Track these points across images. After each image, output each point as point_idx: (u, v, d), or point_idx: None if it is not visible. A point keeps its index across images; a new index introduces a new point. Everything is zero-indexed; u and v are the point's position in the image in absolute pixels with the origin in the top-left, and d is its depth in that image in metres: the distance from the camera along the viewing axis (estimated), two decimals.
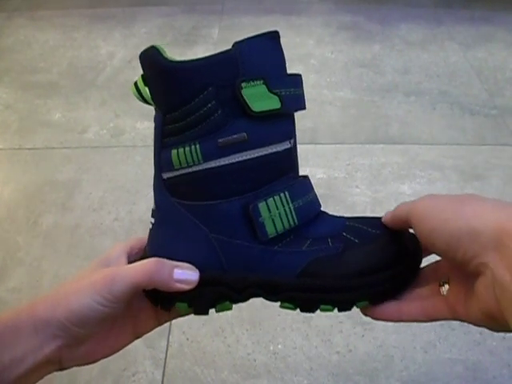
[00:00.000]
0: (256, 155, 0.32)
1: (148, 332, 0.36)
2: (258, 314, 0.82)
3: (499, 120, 1.25)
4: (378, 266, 0.32)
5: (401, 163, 1.13)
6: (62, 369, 0.32)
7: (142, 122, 1.27)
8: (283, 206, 0.32)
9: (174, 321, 0.82)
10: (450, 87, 1.38)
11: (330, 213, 0.37)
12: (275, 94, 0.31)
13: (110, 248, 0.35)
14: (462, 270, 0.29)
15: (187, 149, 0.32)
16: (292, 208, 0.32)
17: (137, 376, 0.75)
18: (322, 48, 1.56)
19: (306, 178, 0.35)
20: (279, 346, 0.78)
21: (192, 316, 0.36)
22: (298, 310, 0.33)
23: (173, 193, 0.33)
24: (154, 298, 0.34)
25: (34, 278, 0.91)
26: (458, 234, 0.26)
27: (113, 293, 0.30)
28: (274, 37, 0.33)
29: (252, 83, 0.31)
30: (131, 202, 1.05)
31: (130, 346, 0.36)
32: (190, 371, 0.75)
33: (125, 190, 1.08)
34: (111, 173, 1.13)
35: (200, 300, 0.33)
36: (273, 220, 0.32)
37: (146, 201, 1.05)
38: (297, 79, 0.33)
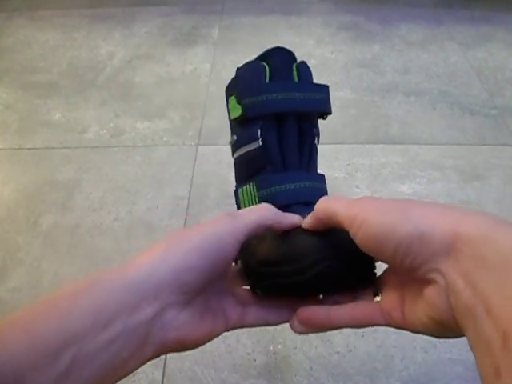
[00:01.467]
0: (241, 153, 0.41)
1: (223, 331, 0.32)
2: None
3: (499, 120, 1.25)
4: (276, 259, 0.30)
5: (401, 163, 1.13)
6: (155, 354, 0.27)
7: (142, 122, 1.27)
8: (251, 194, 0.39)
9: None
10: (450, 87, 1.38)
11: None
12: (240, 104, 0.40)
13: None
14: (400, 276, 0.28)
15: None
16: (256, 196, 0.38)
17: (137, 376, 0.75)
18: (322, 48, 1.56)
19: (295, 172, 0.40)
20: (279, 346, 0.78)
21: None
22: None
23: None
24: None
25: (34, 278, 0.90)
26: (408, 241, 0.24)
27: (236, 232, 0.28)
28: (258, 63, 0.41)
29: (231, 98, 0.41)
30: (131, 202, 1.05)
31: None
32: (190, 371, 0.75)
33: (125, 190, 1.08)
34: (111, 173, 1.13)
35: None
36: (244, 204, 0.39)
37: (146, 201, 1.05)
38: (260, 89, 0.40)
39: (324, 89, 0.42)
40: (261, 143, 0.39)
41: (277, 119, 0.39)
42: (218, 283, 0.31)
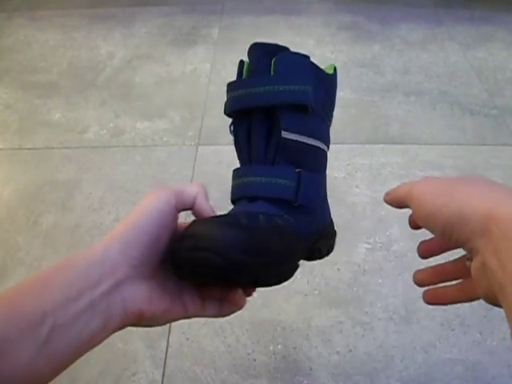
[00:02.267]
0: None
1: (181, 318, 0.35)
2: (258, 314, 0.82)
3: (499, 120, 1.25)
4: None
5: (401, 163, 1.13)
6: (120, 325, 0.31)
7: (142, 122, 1.27)
8: (232, 182, 0.41)
9: None
10: (450, 87, 1.38)
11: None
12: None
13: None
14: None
15: None
16: (232, 185, 0.41)
17: (137, 376, 0.75)
18: (322, 48, 1.56)
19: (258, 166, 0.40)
20: (279, 346, 0.78)
21: None
22: None
23: None
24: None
25: None
26: (452, 220, 0.27)
27: (183, 200, 0.33)
28: (241, 60, 0.41)
29: None
30: (131, 202, 1.05)
31: (129, 346, 0.36)
32: (190, 371, 0.75)
33: (125, 190, 1.08)
34: (111, 173, 1.13)
35: None
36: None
37: None
38: (232, 85, 0.40)
39: (299, 79, 0.39)
40: (233, 138, 0.41)
41: (246, 115, 0.39)
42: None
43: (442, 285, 0.35)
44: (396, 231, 0.96)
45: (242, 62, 0.40)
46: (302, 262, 0.36)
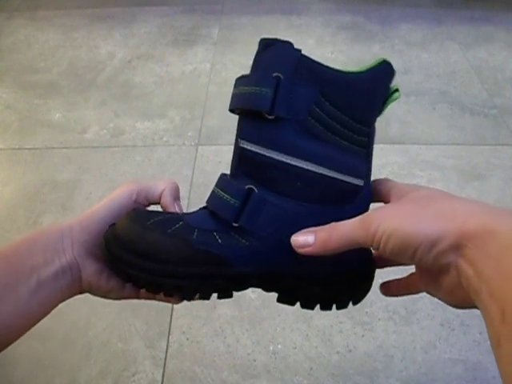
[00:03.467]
0: None
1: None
2: (258, 314, 0.82)
3: (499, 120, 1.25)
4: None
5: (401, 163, 1.13)
6: (82, 291, 0.37)
7: (142, 122, 1.27)
8: None
9: (173, 321, 0.82)
10: (450, 87, 1.38)
11: None
12: None
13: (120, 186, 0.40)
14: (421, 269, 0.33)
15: None
16: None
17: (137, 376, 0.75)
18: (322, 48, 1.56)
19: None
20: (279, 346, 0.78)
21: (192, 316, 0.36)
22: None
23: None
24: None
25: None
26: (423, 246, 0.28)
27: (148, 196, 0.39)
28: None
29: None
30: None
31: (129, 346, 0.36)
32: (190, 371, 0.75)
33: None
34: (111, 173, 1.13)
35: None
36: None
37: None
38: (236, 83, 0.34)
39: (262, 79, 0.32)
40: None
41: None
42: None
43: (394, 278, 0.38)
44: None
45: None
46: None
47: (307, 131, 0.32)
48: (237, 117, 0.34)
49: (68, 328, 0.82)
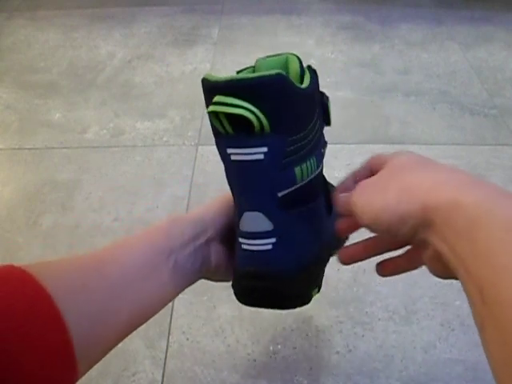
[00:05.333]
0: None
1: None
2: (258, 314, 0.82)
3: (499, 120, 1.25)
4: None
5: None
6: (209, 274, 0.43)
7: (142, 122, 1.27)
8: None
9: (173, 321, 0.82)
10: (450, 87, 1.38)
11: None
12: None
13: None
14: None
15: (308, 163, 0.38)
16: None
17: (137, 376, 0.75)
18: (322, 48, 1.56)
19: None
20: (279, 346, 0.78)
21: (192, 316, 0.37)
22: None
23: (286, 207, 0.37)
24: None
25: None
26: (394, 221, 0.29)
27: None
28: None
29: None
30: (131, 202, 1.05)
31: (129, 346, 0.36)
32: (190, 371, 0.75)
33: (125, 190, 1.08)
34: (111, 173, 1.13)
35: None
36: None
37: (146, 201, 1.05)
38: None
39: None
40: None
41: None
42: None
43: (388, 256, 0.39)
44: None
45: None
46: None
47: None
48: None
49: None
